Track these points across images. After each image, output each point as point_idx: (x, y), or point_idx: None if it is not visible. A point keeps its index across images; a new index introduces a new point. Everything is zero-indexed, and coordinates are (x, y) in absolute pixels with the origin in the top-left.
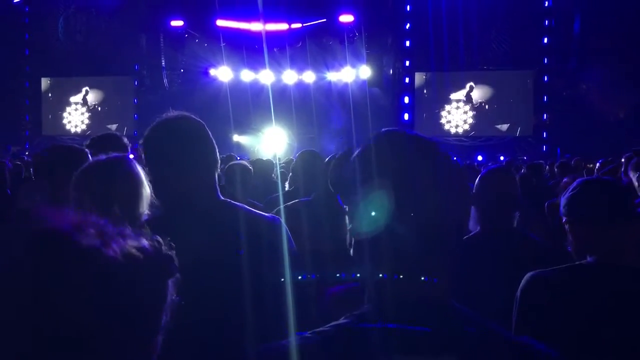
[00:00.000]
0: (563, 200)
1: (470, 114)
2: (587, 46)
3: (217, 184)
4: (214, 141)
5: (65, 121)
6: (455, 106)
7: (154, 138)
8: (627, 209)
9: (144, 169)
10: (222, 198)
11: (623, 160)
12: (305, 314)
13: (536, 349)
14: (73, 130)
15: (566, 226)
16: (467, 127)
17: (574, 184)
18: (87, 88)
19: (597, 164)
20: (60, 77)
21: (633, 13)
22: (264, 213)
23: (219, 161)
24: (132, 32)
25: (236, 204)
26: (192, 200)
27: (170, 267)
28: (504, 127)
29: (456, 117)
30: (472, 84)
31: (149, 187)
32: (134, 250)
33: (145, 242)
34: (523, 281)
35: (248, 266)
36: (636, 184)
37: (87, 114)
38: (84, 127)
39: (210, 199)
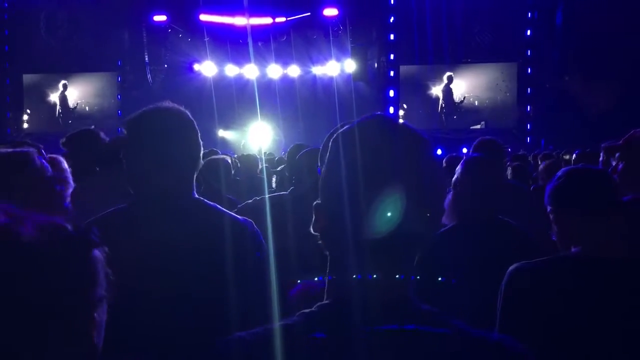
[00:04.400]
0: (548, 190)
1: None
2: (570, 38)
3: (194, 182)
4: (199, 136)
5: (47, 118)
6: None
7: (137, 129)
8: (614, 199)
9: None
10: (197, 197)
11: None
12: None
13: (509, 348)
14: (55, 127)
15: (551, 216)
16: None
17: (560, 172)
18: (65, 82)
19: (574, 155)
20: (42, 73)
21: (615, 5)
22: (236, 215)
23: (201, 158)
24: (114, 28)
25: (209, 204)
26: (168, 196)
27: (89, 239)
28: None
29: None
30: (450, 74)
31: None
32: (48, 226)
33: (59, 219)
34: (507, 273)
35: (214, 267)
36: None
37: (70, 111)
38: (67, 123)
39: (185, 196)
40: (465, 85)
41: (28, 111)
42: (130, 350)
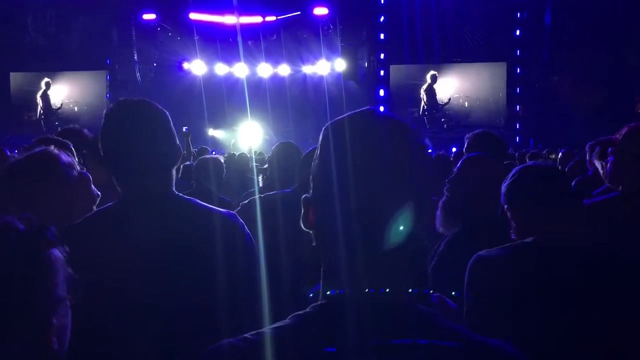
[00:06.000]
0: (503, 188)
1: None
2: (559, 38)
3: (173, 179)
4: (174, 132)
5: (37, 115)
6: None
7: (111, 129)
8: (563, 191)
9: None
10: (176, 192)
11: (587, 149)
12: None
13: (506, 353)
14: (38, 127)
15: (508, 213)
16: None
17: (513, 171)
18: (48, 80)
19: (560, 154)
20: (30, 72)
21: (603, 5)
22: (218, 208)
23: (179, 153)
24: (103, 26)
25: (189, 199)
26: (145, 195)
27: (45, 237)
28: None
29: None
30: (434, 73)
31: (77, 170)
32: None
33: (11, 219)
34: (470, 261)
35: (199, 261)
36: (601, 171)
37: (53, 111)
38: (52, 123)
39: (164, 193)
40: (454, 85)
41: (20, 111)
42: (118, 353)
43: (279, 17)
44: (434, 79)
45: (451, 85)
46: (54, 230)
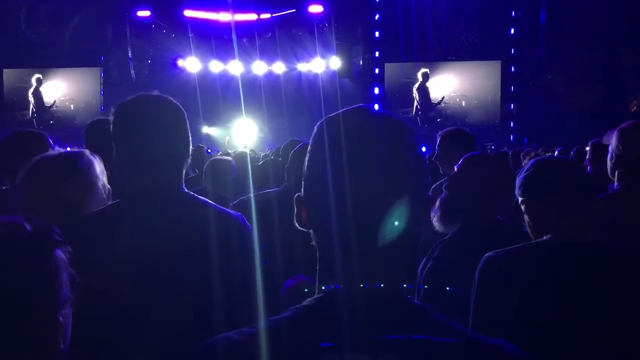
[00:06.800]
0: (518, 181)
1: None
2: (553, 36)
3: (183, 177)
4: (188, 129)
5: (30, 113)
6: None
7: (123, 123)
8: (580, 185)
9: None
10: (185, 190)
11: (588, 148)
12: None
13: (507, 352)
14: (38, 122)
15: (522, 207)
16: None
17: (528, 164)
18: (39, 76)
19: (556, 152)
20: (23, 68)
21: (598, 3)
22: (227, 209)
23: (190, 152)
24: (97, 23)
25: (198, 198)
26: (156, 193)
27: (51, 238)
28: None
29: None
30: (426, 70)
31: (104, 182)
32: (5, 226)
33: (18, 218)
34: (480, 262)
35: (205, 262)
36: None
37: (45, 109)
38: (49, 120)
39: (173, 192)
40: (449, 84)
41: (13, 108)
42: (114, 354)
43: (273, 15)
44: (426, 76)
45: (446, 84)
46: (58, 231)
